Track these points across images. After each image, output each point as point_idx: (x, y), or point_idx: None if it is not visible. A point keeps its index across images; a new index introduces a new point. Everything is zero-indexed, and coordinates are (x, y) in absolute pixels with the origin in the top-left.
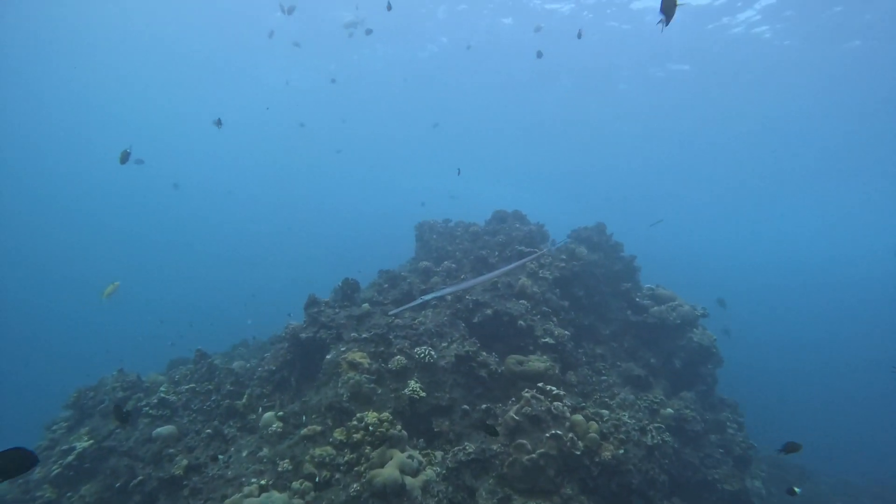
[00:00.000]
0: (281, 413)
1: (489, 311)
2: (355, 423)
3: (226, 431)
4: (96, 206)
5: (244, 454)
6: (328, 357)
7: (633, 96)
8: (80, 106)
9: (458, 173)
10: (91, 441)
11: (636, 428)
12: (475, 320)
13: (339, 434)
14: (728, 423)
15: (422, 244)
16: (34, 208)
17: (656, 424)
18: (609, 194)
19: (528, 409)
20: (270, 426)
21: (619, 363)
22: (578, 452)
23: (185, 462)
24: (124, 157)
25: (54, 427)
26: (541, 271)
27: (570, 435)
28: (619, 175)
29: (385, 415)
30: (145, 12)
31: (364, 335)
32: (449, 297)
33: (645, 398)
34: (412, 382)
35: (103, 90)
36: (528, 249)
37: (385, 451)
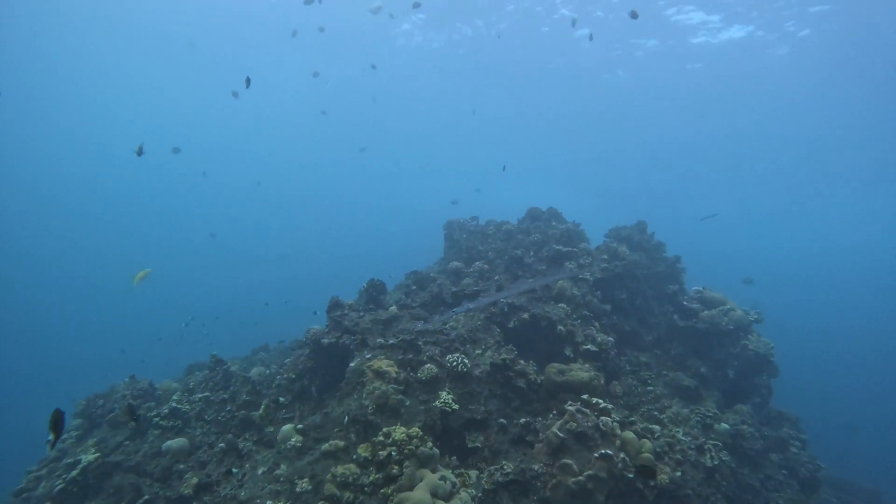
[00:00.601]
0: (301, 426)
1: (525, 316)
2: (381, 438)
3: (241, 445)
4: (110, 206)
5: (260, 472)
6: (352, 365)
7: (677, 86)
8: (91, 104)
9: (504, 169)
10: (97, 454)
11: (692, 446)
12: (510, 325)
13: (363, 451)
14: (790, 441)
15: (451, 243)
16: (47, 208)
17: (713, 442)
18: (644, 193)
19: (572, 425)
20: (289, 440)
21: (665, 372)
22: (631, 475)
23: (195, 480)
24: (139, 151)
25: (64, 436)
26: (581, 272)
27: (622, 455)
28: (655, 171)
29: (414, 430)
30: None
31: (391, 341)
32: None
33: (697, 412)
34: (444, 394)
35: (115, 85)
36: (566, 248)
37: (415, 470)
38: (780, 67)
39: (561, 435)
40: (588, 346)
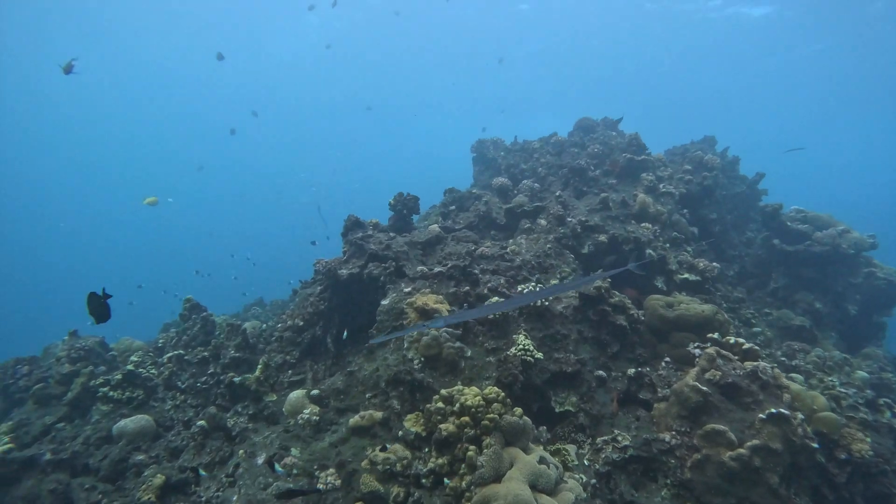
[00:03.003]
0: (316, 391)
1: (603, 238)
2: (440, 405)
3: (230, 422)
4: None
5: (260, 460)
6: (384, 303)
7: None
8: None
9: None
10: (9, 445)
11: (859, 401)
12: (584, 250)
13: (413, 424)
14: None
15: (484, 165)
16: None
17: (885, 399)
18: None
19: (715, 374)
20: (301, 413)
21: (767, 311)
22: (816, 445)
23: (160, 479)
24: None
25: None
26: (662, 185)
27: (799, 416)
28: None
29: (492, 390)
30: None
31: (437, 269)
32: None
33: (824, 358)
34: (521, 337)
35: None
36: (639, 158)
37: (500, 451)
38: None
39: (703, 389)
40: (685, 276)
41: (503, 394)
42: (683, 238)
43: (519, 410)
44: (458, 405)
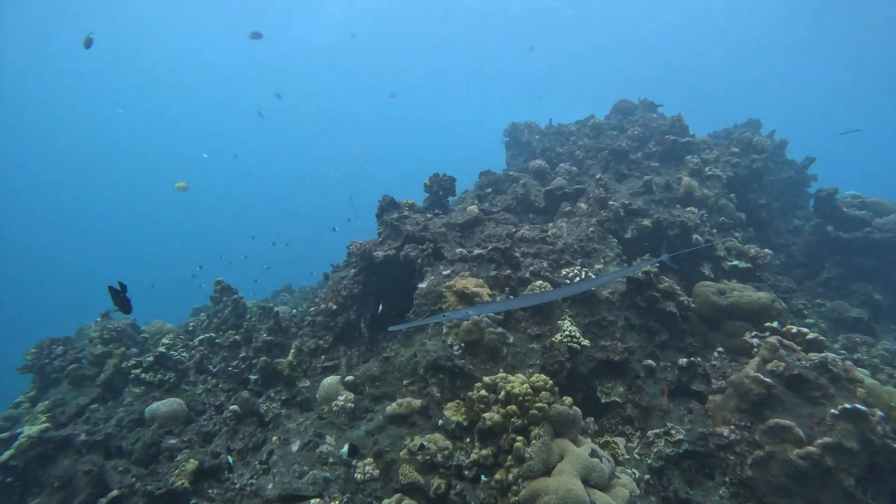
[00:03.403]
0: (350, 377)
1: (646, 222)
2: (483, 393)
3: (262, 408)
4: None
5: (294, 448)
6: (422, 286)
7: None
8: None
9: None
10: (46, 425)
11: None
12: (627, 235)
13: (454, 413)
14: None
15: (517, 150)
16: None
17: None
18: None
19: (778, 365)
20: (335, 399)
21: (819, 301)
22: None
23: (193, 464)
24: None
25: (17, 398)
26: (708, 168)
27: (878, 414)
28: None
29: (540, 377)
30: None
31: (476, 251)
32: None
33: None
34: (566, 323)
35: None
36: (683, 140)
37: (548, 442)
38: None
39: (766, 380)
40: (734, 263)
41: (551, 382)
42: (731, 223)
43: (569, 400)
44: (503, 393)
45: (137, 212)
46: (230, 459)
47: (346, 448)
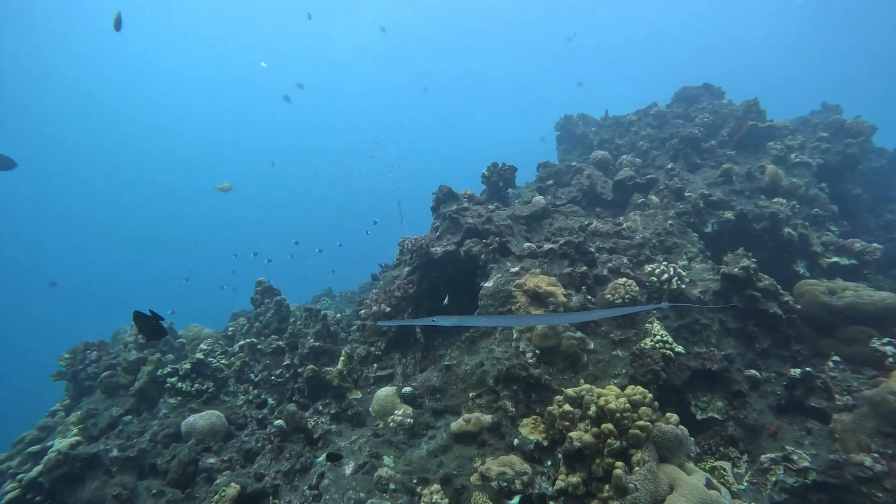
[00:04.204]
0: (408, 389)
1: (729, 215)
2: (568, 408)
3: (310, 423)
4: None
5: (347, 470)
6: (487, 285)
7: None
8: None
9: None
10: (76, 438)
11: None
12: (707, 229)
13: (532, 430)
14: None
15: (571, 144)
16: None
17: None
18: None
19: None
20: (392, 413)
21: None
22: None
23: (234, 489)
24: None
25: (54, 406)
26: (794, 155)
27: None
28: None
29: (637, 390)
30: None
31: (547, 245)
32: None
33: None
34: (655, 326)
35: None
36: (763, 125)
37: (654, 469)
38: None
39: None
40: (834, 259)
41: (650, 395)
42: (825, 216)
43: (675, 417)
44: (593, 408)
45: (181, 213)
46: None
47: (322, 457)
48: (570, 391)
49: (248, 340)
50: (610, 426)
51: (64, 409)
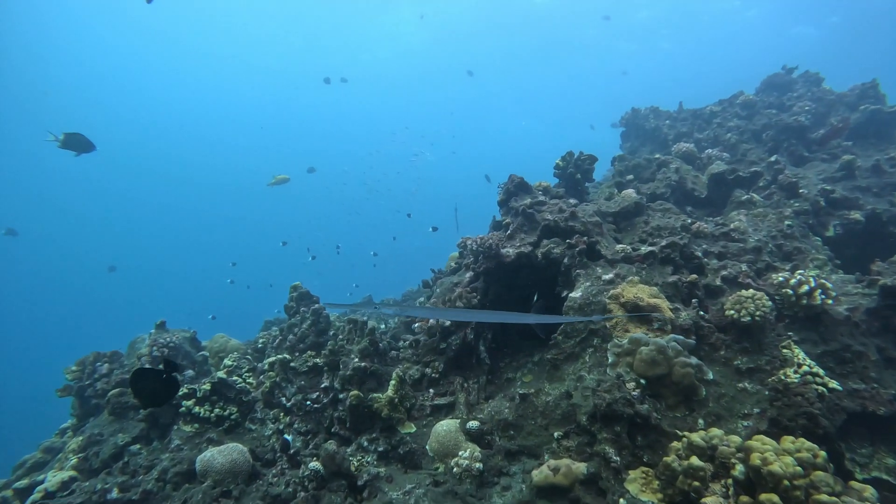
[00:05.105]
0: (474, 423)
1: (856, 216)
2: (696, 461)
3: (353, 464)
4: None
5: None
6: (575, 295)
7: None
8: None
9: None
10: (71, 473)
11: None
12: (829, 233)
13: (642, 487)
14: None
15: (640, 140)
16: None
17: None
18: None
19: None
20: (455, 454)
21: None
22: None
23: None
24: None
25: (65, 423)
26: None
27: None
28: None
29: (803, 444)
30: None
31: (644, 248)
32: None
33: None
34: (799, 354)
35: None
36: (889, 110)
37: None
38: None
39: None
40: None
41: (823, 454)
42: None
43: (870, 490)
44: (739, 468)
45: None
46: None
47: None
48: (695, 437)
49: (279, 357)
50: (774, 499)
51: (73, 428)
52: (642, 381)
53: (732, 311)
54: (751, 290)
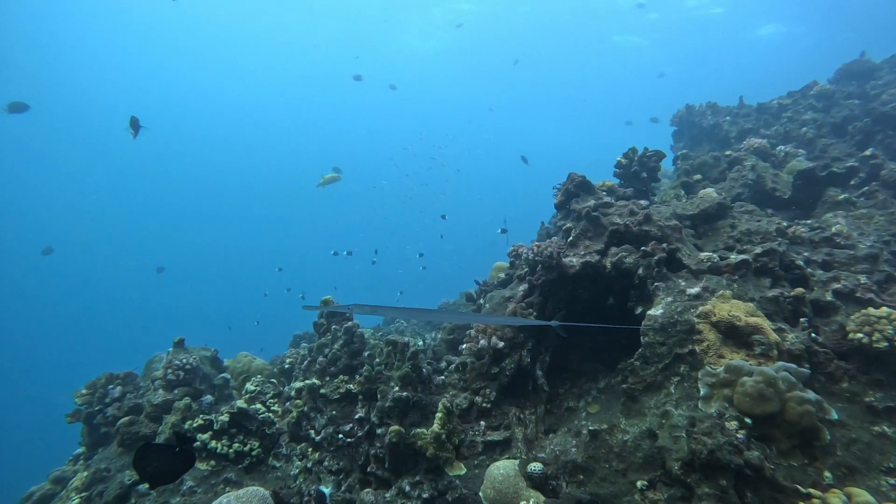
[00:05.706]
0: (536, 466)
1: None
2: None
3: None
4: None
5: None
6: (655, 313)
7: None
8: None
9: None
10: None
11: None
12: None
13: None
14: None
15: (695, 140)
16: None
17: None
18: None
19: None
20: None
21: None
22: None
23: None
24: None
25: (80, 451)
26: None
27: None
28: None
29: None
30: None
31: (735, 257)
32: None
33: None
34: None
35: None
36: None
37: None
38: None
39: None
40: None
41: None
42: None
43: None
44: None
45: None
46: None
47: None
48: (833, 499)
49: (307, 382)
50: None
51: (83, 457)
52: (747, 420)
53: (860, 335)
54: (883, 309)
